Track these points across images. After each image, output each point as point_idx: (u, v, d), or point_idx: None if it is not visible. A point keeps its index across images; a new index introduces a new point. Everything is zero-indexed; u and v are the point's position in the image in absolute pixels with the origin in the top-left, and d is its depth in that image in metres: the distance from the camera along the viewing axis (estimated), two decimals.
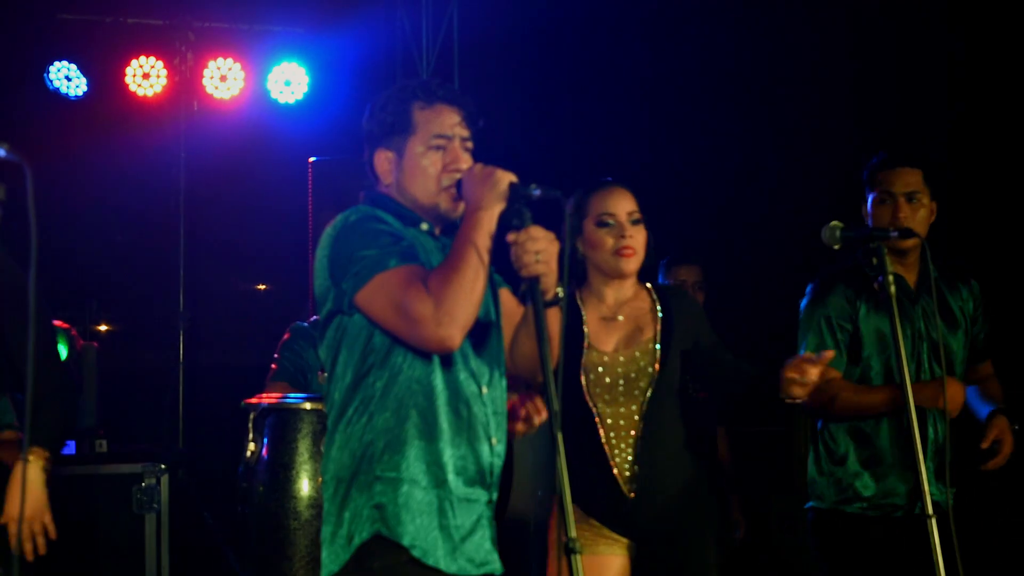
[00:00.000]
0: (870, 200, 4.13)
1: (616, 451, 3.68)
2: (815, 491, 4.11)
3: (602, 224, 3.74)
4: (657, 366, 3.71)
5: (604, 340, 3.73)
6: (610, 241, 3.73)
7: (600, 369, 3.71)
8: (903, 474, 3.98)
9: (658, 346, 3.72)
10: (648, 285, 3.84)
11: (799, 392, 3.41)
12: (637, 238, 3.74)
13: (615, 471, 3.67)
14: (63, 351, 5.60)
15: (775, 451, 6.54)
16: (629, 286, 3.80)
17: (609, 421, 3.70)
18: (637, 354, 3.72)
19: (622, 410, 3.69)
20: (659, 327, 3.74)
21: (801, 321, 4.14)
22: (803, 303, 4.16)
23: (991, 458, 4.01)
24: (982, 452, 3.97)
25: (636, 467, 3.67)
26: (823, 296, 4.10)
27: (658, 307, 3.77)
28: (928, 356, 4.05)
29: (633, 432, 3.70)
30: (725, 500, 5.67)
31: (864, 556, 4.00)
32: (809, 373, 3.39)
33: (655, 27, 7.14)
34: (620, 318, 3.77)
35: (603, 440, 3.68)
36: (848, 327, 4.06)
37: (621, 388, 3.70)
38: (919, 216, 4.03)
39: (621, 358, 3.72)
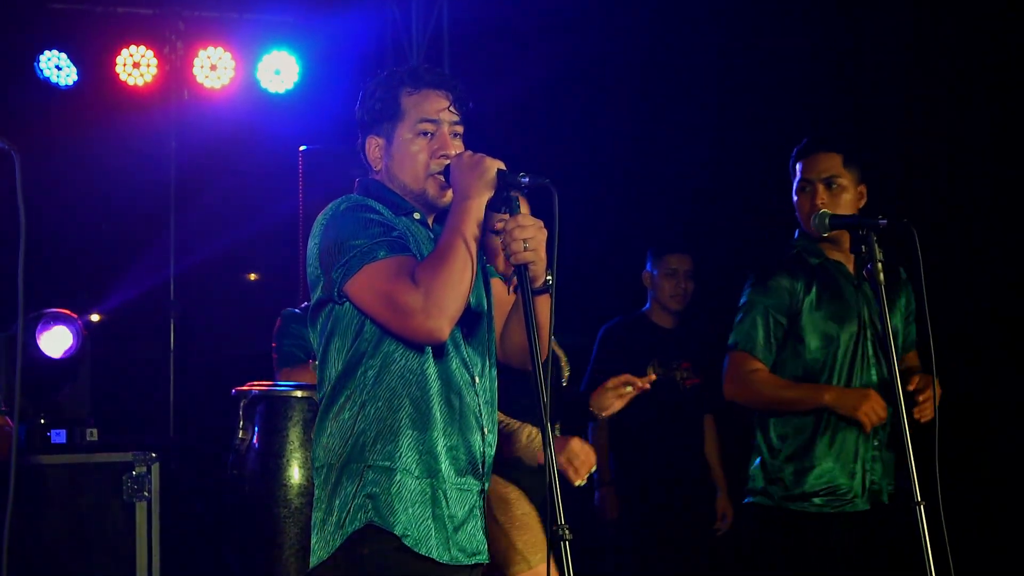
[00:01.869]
0: (794, 188, 4.08)
1: None
2: (755, 486, 4.04)
3: None
4: None
5: None
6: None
7: None
8: (836, 468, 3.92)
9: None
10: None
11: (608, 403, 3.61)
12: None
13: None
14: (70, 339, 5.59)
15: None
16: None
17: None
18: None
19: None
20: None
21: (741, 305, 4.05)
22: (745, 288, 4.08)
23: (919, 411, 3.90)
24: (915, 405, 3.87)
25: None
26: (765, 286, 4.00)
27: None
28: (872, 344, 3.97)
29: None
30: (709, 491, 5.68)
31: (800, 553, 3.93)
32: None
33: (645, 18, 7.13)
34: None
35: None
36: (783, 321, 3.96)
37: None
38: (842, 201, 3.96)
39: None
